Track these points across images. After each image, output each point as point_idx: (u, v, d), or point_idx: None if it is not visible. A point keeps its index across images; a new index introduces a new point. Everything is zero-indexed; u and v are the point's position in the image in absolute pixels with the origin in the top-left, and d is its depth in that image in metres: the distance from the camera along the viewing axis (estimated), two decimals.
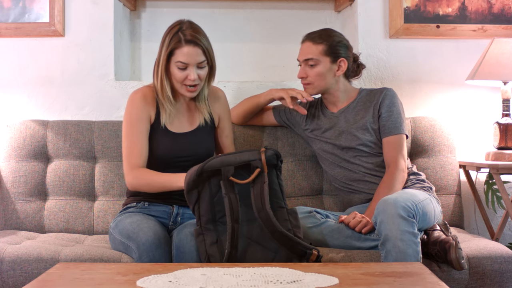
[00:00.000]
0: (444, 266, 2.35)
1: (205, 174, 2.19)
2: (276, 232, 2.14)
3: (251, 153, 2.21)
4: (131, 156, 2.44)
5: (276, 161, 2.22)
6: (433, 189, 2.63)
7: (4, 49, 3.11)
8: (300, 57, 2.70)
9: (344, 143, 2.67)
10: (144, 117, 2.48)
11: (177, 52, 2.42)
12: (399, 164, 2.57)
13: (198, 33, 2.44)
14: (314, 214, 2.52)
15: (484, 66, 2.93)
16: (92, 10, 3.10)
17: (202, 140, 2.55)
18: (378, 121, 2.65)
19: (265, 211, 2.14)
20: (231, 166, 2.17)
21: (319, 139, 2.74)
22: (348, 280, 1.74)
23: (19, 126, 2.87)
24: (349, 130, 2.67)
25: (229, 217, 2.14)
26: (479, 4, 3.18)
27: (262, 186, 2.16)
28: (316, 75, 2.66)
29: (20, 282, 2.27)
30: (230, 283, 1.68)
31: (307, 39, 2.69)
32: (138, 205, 2.51)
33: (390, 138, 2.62)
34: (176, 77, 2.45)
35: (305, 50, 2.67)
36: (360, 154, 2.65)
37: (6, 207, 2.79)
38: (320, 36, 2.66)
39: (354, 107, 2.71)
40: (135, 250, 2.26)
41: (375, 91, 2.72)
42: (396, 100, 2.67)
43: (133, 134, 2.46)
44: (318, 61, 2.64)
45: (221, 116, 2.65)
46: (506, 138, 2.94)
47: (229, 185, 2.16)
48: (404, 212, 2.24)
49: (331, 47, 2.65)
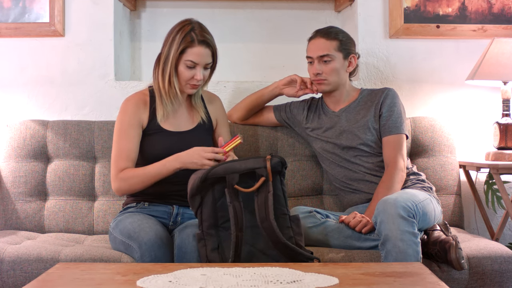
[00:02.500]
0: (444, 266, 2.35)
1: (209, 181, 2.18)
2: (279, 243, 2.13)
3: (256, 161, 2.19)
4: (118, 161, 2.44)
5: (281, 168, 2.21)
6: (433, 189, 2.63)
7: (4, 49, 3.11)
8: (313, 53, 2.67)
9: (345, 143, 2.67)
10: (136, 123, 2.49)
11: (189, 51, 2.44)
12: (398, 164, 2.57)
13: (209, 34, 2.49)
14: (314, 214, 2.52)
15: (484, 66, 2.93)
16: (92, 10, 3.10)
17: (200, 139, 2.55)
18: (379, 120, 2.65)
19: (268, 221, 2.13)
20: (235, 173, 2.16)
21: (319, 139, 2.74)
22: (348, 280, 1.74)
23: (19, 126, 2.87)
24: (350, 129, 2.67)
25: (234, 225, 2.13)
26: (479, 4, 3.18)
27: (266, 195, 2.14)
28: (331, 71, 2.66)
29: (20, 282, 2.28)
30: (230, 283, 1.68)
31: (319, 35, 2.68)
32: (138, 205, 2.51)
33: (390, 137, 2.62)
34: (183, 75, 2.46)
35: (319, 46, 2.66)
36: (360, 153, 2.65)
37: (6, 207, 2.79)
38: (331, 32, 2.67)
39: (355, 107, 2.72)
40: (137, 249, 2.26)
41: (376, 91, 2.73)
42: (397, 100, 2.67)
43: (122, 140, 2.47)
44: (333, 57, 2.65)
45: (218, 121, 2.66)
46: (506, 138, 2.94)
47: (233, 193, 2.15)
48: (404, 212, 2.24)
49: (343, 43, 2.67)
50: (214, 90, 3.03)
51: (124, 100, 2.56)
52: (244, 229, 2.15)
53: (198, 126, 2.58)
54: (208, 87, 2.68)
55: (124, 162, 2.44)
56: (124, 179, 2.42)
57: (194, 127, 2.57)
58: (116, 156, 2.46)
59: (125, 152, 2.45)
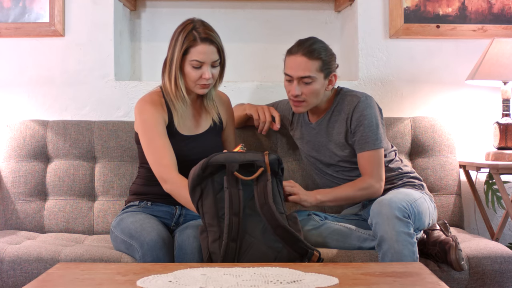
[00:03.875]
0: (444, 266, 2.35)
1: (209, 169, 2.19)
2: (279, 227, 2.14)
3: (255, 155, 2.22)
4: (162, 160, 2.35)
5: (278, 167, 2.23)
6: (424, 186, 2.62)
7: (4, 49, 3.11)
8: (293, 72, 2.48)
9: (325, 159, 2.61)
10: (161, 121, 2.42)
11: (192, 50, 2.39)
12: (372, 177, 2.48)
13: (212, 31, 2.42)
14: (312, 217, 2.51)
15: (484, 66, 2.93)
16: (92, 10, 3.10)
17: (212, 142, 2.53)
18: (352, 136, 2.53)
19: (268, 205, 2.15)
20: (235, 163, 2.18)
21: (302, 150, 2.71)
22: (348, 280, 1.74)
23: (19, 126, 2.87)
24: (327, 146, 2.59)
25: (228, 208, 2.15)
26: (479, 4, 3.18)
27: (265, 183, 2.18)
28: (311, 92, 2.48)
29: (20, 282, 2.28)
30: (230, 283, 1.68)
31: (300, 52, 2.47)
32: (141, 204, 2.50)
33: (363, 154, 2.50)
34: (190, 76, 2.41)
35: (300, 65, 2.46)
36: (342, 169, 2.59)
37: (6, 207, 2.79)
38: (314, 51, 2.47)
39: (329, 119, 2.59)
40: (138, 249, 2.26)
41: (349, 98, 2.55)
42: (368, 111, 2.49)
43: (155, 139, 2.38)
44: (315, 78, 2.47)
45: (227, 122, 2.64)
46: (506, 138, 2.94)
47: (232, 179, 2.18)
48: (399, 213, 2.24)
49: (325, 63, 2.48)
50: None
51: (139, 100, 2.48)
52: (243, 219, 2.16)
53: (209, 129, 2.54)
54: None
55: (166, 159, 2.35)
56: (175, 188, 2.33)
57: (205, 130, 2.54)
58: (156, 158, 2.36)
59: (165, 149, 2.36)
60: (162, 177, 2.36)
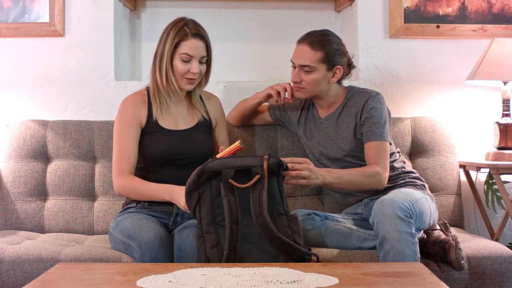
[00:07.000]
0: (444, 266, 2.35)
1: (205, 175, 2.19)
2: (274, 237, 2.14)
3: (253, 159, 2.19)
4: (119, 162, 2.47)
5: (278, 170, 2.21)
6: (426, 186, 2.62)
7: (4, 49, 3.11)
8: (296, 60, 2.58)
9: (331, 154, 2.62)
10: (135, 123, 2.50)
11: (183, 44, 2.47)
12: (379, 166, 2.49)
13: (202, 29, 2.52)
14: (312, 217, 2.51)
15: (484, 66, 2.93)
16: (92, 10, 3.10)
17: (199, 138, 2.57)
18: (361, 128, 2.56)
19: (262, 216, 2.13)
20: (231, 169, 2.16)
21: (308, 145, 2.73)
22: (348, 280, 1.74)
23: (19, 126, 2.87)
24: (335, 140, 2.61)
25: (228, 217, 2.14)
26: (479, 4, 3.18)
27: (260, 192, 2.15)
28: (311, 81, 2.55)
29: (20, 282, 2.28)
30: (230, 283, 1.68)
31: (305, 42, 2.56)
32: (138, 205, 2.51)
33: (371, 143, 2.52)
34: (178, 69, 2.48)
35: (302, 54, 2.55)
36: (348, 164, 2.59)
37: (6, 207, 2.79)
38: (319, 42, 2.54)
39: (339, 114, 2.63)
40: (137, 249, 2.26)
41: (360, 94, 2.61)
42: (378, 105, 2.55)
43: (122, 141, 2.48)
44: (315, 68, 2.54)
45: (217, 121, 2.68)
46: (506, 138, 2.94)
47: (228, 187, 2.16)
48: (401, 213, 2.24)
49: (329, 55, 2.54)
50: (214, 90, 3.03)
51: (122, 100, 2.57)
52: (241, 226, 2.16)
53: (197, 125, 2.59)
54: (207, 87, 2.68)
55: (125, 164, 2.46)
56: (124, 188, 2.46)
57: (193, 125, 2.58)
58: (117, 157, 2.48)
59: (126, 154, 2.47)
60: (113, 176, 2.48)
